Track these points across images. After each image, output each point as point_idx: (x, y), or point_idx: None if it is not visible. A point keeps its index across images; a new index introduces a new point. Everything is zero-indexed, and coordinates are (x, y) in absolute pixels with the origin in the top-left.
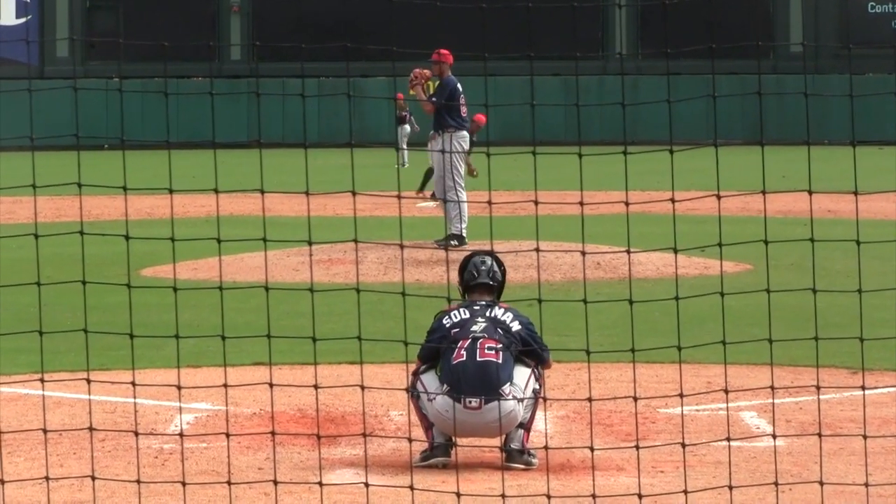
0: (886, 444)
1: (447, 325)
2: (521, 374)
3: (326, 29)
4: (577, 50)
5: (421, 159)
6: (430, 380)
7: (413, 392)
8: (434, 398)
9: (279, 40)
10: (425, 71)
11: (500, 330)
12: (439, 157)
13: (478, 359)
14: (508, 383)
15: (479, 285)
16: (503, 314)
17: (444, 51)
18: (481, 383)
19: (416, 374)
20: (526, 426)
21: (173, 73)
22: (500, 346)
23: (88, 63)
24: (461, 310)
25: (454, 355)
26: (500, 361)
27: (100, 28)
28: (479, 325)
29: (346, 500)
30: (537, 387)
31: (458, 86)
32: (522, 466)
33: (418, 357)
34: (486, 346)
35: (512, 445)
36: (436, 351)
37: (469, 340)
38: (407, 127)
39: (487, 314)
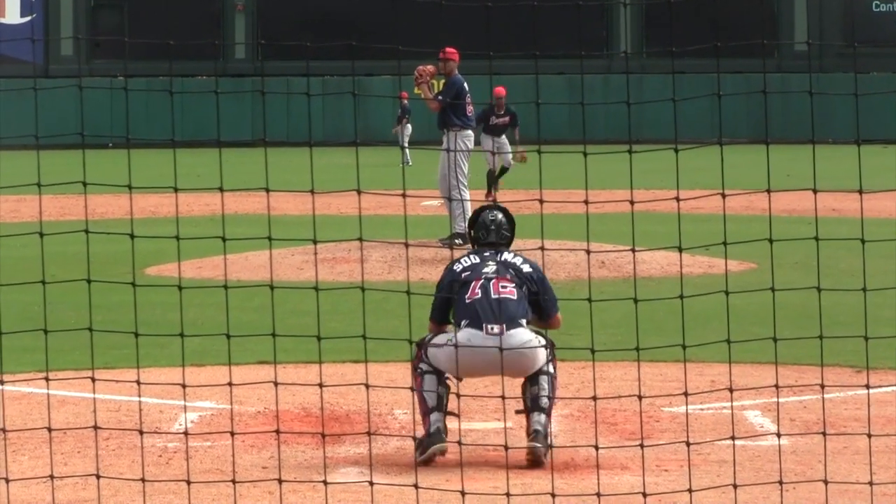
0: (890, 443)
1: (457, 270)
2: (539, 351)
3: (331, 27)
4: (581, 49)
5: (425, 157)
6: (439, 338)
7: (417, 372)
8: (449, 340)
9: (284, 39)
10: (429, 67)
11: (511, 270)
12: (444, 154)
13: (493, 296)
14: (525, 320)
15: (489, 244)
16: (513, 257)
17: (450, 49)
18: (500, 313)
19: (421, 345)
20: (547, 411)
21: (178, 71)
22: (514, 284)
23: (93, 62)
24: (471, 256)
25: (468, 294)
26: (515, 298)
27: (104, 27)
28: (490, 267)
29: (350, 498)
30: (552, 370)
31: (465, 84)
32: (543, 450)
33: (431, 318)
34: (501, 284)
35: (538, 427)
36: (448, 303)
37: (482, 280)
38: (409, 126)
39: (498, 258)
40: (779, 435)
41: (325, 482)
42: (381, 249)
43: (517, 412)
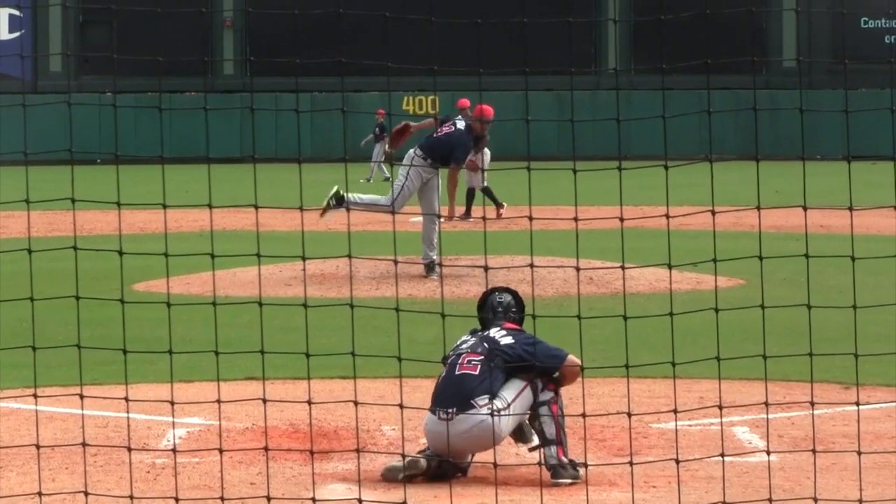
0: (879, 460)
1: (448, 353)
2: (513, 387)
3: (319, 44)
4: (570, 65)
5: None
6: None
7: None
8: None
9: (272, 55)
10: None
11: (485, 344)
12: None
13: (456, 373)
14: (487, 396)
15: (496, 328)
16: (497, 331)
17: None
18: (454, 395)
19: None
20: (556, 440)
21: (167, 87)
22: (481, 358)
23: (82, 77)
24: (469, 334)
25: (443, 374)
26: (476, 373)
27: (93, 43)
28: (467, 344)
29: None
30: (544, 398)
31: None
32: (569, 480)
33: None
34: (467, 360)
35: (550, 462)
36: None
37: (452, 357)
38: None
39: (483, 334)
40: (768, 452)
41: (313, 499)
42: (370, 266)
43: (530, 450)
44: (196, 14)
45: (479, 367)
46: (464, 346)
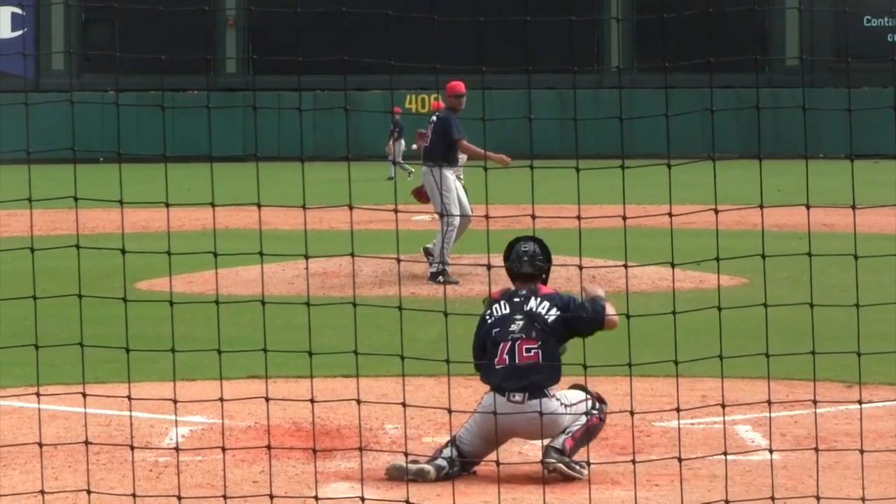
0: (882, 458)
1: (489, 323)
2: (575, 395)
3: (322, 42)
4: (572, 64)
5: (418, 172)
6: (469, 422)
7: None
8: (475, 410)
9: (275, 53)
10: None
11: (537, 325)
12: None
13: (517, 362)
14: (555, 386)
15: (523, 275)
16: (539, 305)
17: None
18: (522, 380)
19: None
20: (573, 434)
21: (169, 86)
22: (538, 343)
23: (84, 76)
24: (502, 303)
25: (497, 359)
26: (539, 362)
27: (95, 41)
28: (517, 325)
29: None
30: (594, 410)
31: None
32: (562, 466)
33: (476, 368)
34: (525, 346)
35: (552, 444)
36: (482, 353)
37: (509, 343)
38: (402, 142)
39: (525, 308)
40: (770, 450)
41: (316, 498)
42: (372, 264)
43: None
44: (198, 12)
45: (540, 354)
46: (513, 326)
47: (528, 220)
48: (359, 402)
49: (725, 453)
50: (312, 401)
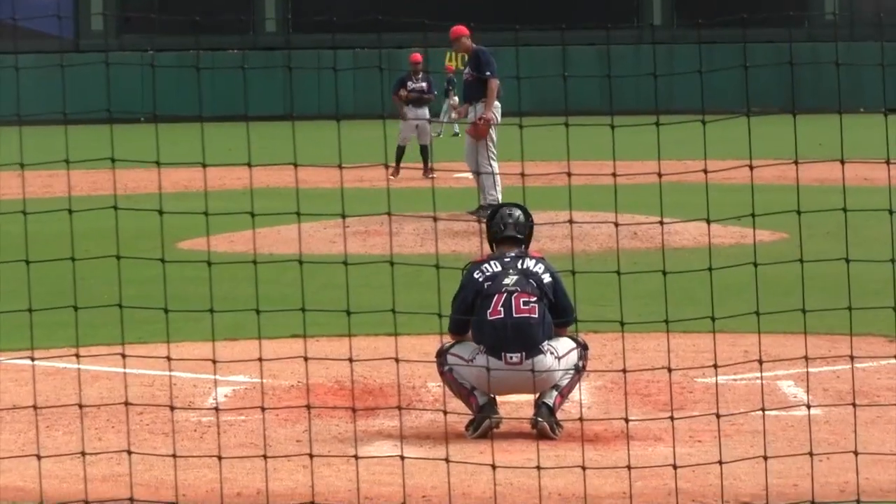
0: None
1: (479, 279)
2: (565, 344)
3: (362, 1)
4: (611, 20)
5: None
6: (460, 349)
7: (445, 368)
8: (473, 359)
9: (314, 12)
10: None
11: (532, 282)
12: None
13: (514, 315)
14: (547, 340)
15: (507, 238)
16: (535, 265)
17: (455, 28)
18: (521, 339)
19: (441, 353)
20: (562, 391)
21: (208, 46)
22: (535, 299)
23: (123, 36)
24: (492, 262)
25: (490, 310)
26: (536, 316)
27: (135, 1)
28: (510, 279)
29: (383, 471)
30: (580, 364)
31: (489, 56)
32: (546, 426)
33: (449, 330)
34: (521, 300)
35: (545, 399)
36: (466, 321)
37: (504, 295)
38: (456, 98)
39: (519, 266)
40: (808, 406)
41: (356, 456)
42: (414, 222)
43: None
44: None
45: (537, 308)
46: (507, 280)
47: (565, 178)
48: (397, 360)
49: (763, 409)
50: (351, 360)
